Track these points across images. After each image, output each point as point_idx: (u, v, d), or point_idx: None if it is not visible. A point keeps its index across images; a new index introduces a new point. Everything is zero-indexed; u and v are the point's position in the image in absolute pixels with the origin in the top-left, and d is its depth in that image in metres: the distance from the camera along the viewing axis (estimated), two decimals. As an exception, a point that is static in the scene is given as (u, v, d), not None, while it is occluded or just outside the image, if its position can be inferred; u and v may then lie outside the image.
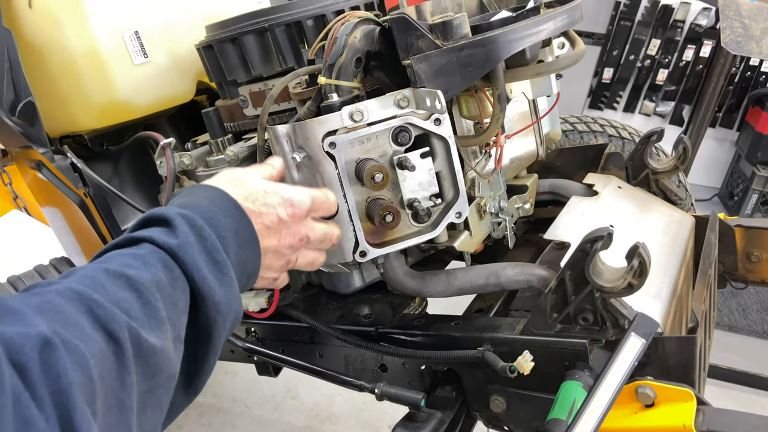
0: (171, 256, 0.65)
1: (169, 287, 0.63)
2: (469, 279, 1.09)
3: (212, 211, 0.72)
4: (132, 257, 0.63)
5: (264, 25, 1.13)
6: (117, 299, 0.56)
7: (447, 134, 1.00)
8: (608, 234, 0.90)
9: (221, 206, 0.74)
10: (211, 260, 0.68)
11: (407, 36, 0.96)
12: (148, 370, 0.57)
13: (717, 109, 4.60)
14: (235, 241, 0.73)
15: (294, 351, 1.27)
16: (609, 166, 1.35)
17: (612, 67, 4.77)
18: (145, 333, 0.57)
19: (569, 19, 1.03)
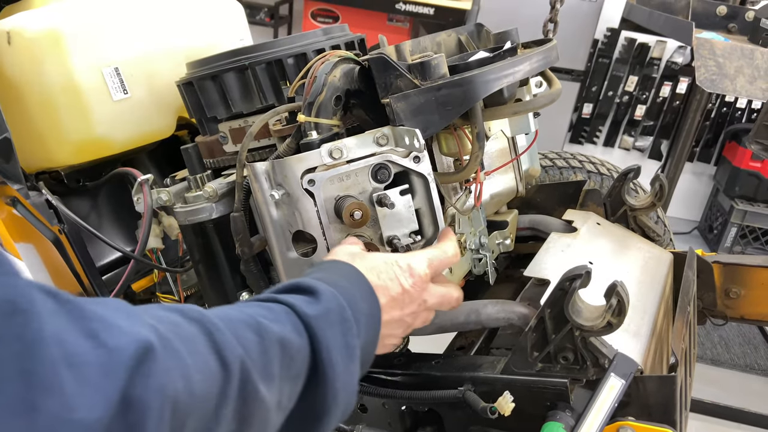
0: (305, 324, 0.64)
1: (293, 350, 0.61)
2: (449, 317, 1.08)
3: (351, 293, 0.72)
4: (267, 310, 0.63)
5: (245, 63, 1.14)
6: (239, 335, 0.56)
7: (426, 171, 1.00)
8: (587, 272, 0.90)
9: (359, 288, 0.75)
10: (344, 344, 0.66)
11: (386, 75, 0.97)
12: (244, 415, 0.55)
13: (694, 144, 4.69)
14: (366, 326, 0.73)
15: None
16: (588, 202, 1.36)
17: (591, 103, 4.87)
18: (256, 376, 0.55)
19: (545, 60, 1.05)
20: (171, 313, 0.54)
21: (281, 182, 0.97)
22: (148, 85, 1.34)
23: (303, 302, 0.66)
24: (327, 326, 0.65)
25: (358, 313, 0.71)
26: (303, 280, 0.71)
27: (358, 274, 0.77)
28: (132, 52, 1.32)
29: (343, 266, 0.78)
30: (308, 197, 0.96)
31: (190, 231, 1.19)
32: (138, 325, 0.47)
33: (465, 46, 1.28)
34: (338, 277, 0.75)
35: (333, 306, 0.67)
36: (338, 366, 0.64)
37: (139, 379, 0.44)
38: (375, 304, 0.76)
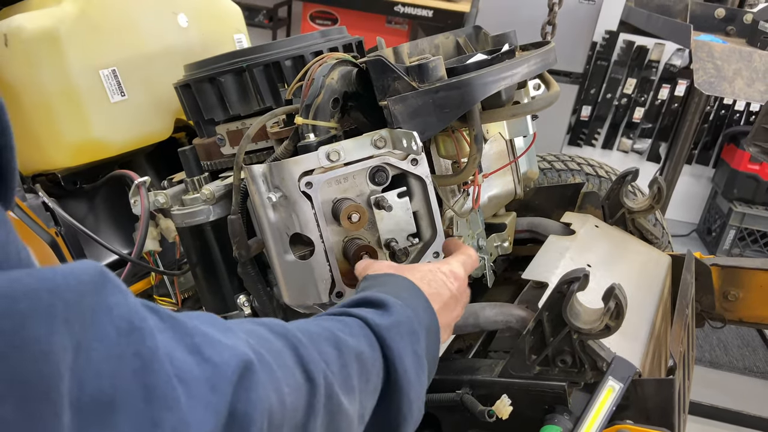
0: (377, 336, 0.64)
1: (369, 363, 0.62)
2: (447, 320, 1.08)
3: (413, 304, 0.73)
4: (342, 324, 0.63)
5: (242, 65, 1.14)
6: (321, 349, 0.57)
7: (424, 174, 1.00)
8: (584, 275, 0.89)
9: (419, 301, 0.75)
10: (414, 354, 0.67)
11: (384, 78, 0.97)
12: (330, 425, 0.56)
13: (693, 147, 4.69)
14: (427, 336, 0.73)
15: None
16: (586, 205, 1.36)
17: (590, 105, 4.87)
18: (338, 389, 0.56)
19: (543, 63, 1.05)
20: (258, 327, 0.55)
21: (278, 185, 0.97)
22: (145, 87, 1.34)
23: (375, 315, 0.66)
24: (399, 338, 0.65)
25: (421, 324, 0.72)
26: (372, 294, 0.71)
27: (415, 287, 0.77)
28: (130, 54, 1.32)
29: (400, 279, 0.79)
30: (305, 200, 0.96)
31: (187, 233, 1.19)
32: (235, 340, 0.48)
33: (463, 49, 1.28)
34: (399, 289, 0.75)
35: (403, 318, 0.68)
36: (411, 376, 0.65)
37: (242, 393, 0.45)
38: (433, 314, 0.76)
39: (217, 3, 1.53)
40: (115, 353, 0.38)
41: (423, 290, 0.78)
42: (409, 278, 0.79)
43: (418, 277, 0.80)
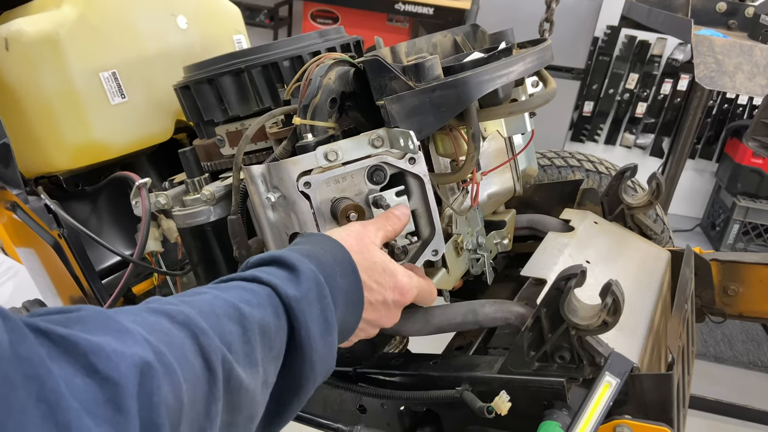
0: (286, 306, 0.67)
1: (273, 333, 0.65)
2: (446, 317, 1.09)
3: (333, 269, 0.75)
4: (251, 294, 0.65)
5: (240, 66, 1.14)
6: (223, 331, 0.59)
7: (422, 173, 1.00)
8: (582, 271, 0.90)
9: (342, 267, 0.77)
10: (323, 319, 0.70)
11: (381, 77, 0.97)
12: (232, 405, 0.59)
13: (696, 141, 4.68)
14: (344, 303, 0.76)
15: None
16: (585, 201, 1.36)
17: (592, 101, 4.87)
18: (239, 368, 0.58)
19: (539, 60, 1.05)
20: (160, 319, 0.55)
21: (277, 185, 0.98)
22: (146, 89, 1.35)
23: (284, 282, 0.68)
24: (306, 306, 0.68)
25: (336, 289, 0.74)
26: (285, 255, 0.72)
27: (346, 256, 0.79)
28: (130, 56, 1.33)
29: (332, 244, 0.80)
30: (304, 199, 0.97)
31: (188, 234, 1.20)
32: (131, 344, 0.49)
33: (461, 47, 1.28)
34: (323, 252, 0.77)
35: (312, 285, 0.70)
36: (316, 342, 0.68)
37: (146, 401, 0.46)
38: (356, 287, 0.78)
39: (216, 4, 1.54)
40: (17, 407, 0.38)
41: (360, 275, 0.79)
42: (353, 257, 0.79)
43: (364, 263, 0.81)
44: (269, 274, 0.69)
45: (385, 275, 0.83)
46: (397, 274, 0.85)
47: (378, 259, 0.84)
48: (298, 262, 0.71)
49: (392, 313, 0.87)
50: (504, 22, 3.96)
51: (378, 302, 0.83)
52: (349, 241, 0.83)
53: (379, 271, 0.83)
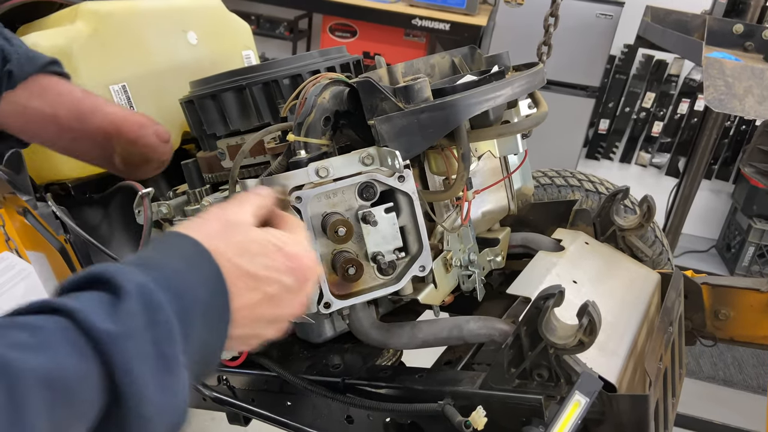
0: (94, 342, 0.48)
1: (73, 381, 0.46)
2: (432, 332, 1.12)
3: (184, 278, 0.57)
4: (30, 333, 0.46)
5: (242, 84, 1.19)
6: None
7: (410, 190, 1.04)
8: (560, 292, 0.92)
9: (199, 272, 0.59)
10: (156, 355, 0.51)
11: (372, 98, 1.01)
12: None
13: (713, 162, 4.65)
14: (203, 320, 0.57)
15: (264, 400, 1.28)
16: (578, 221, 1.38)
17: (608, 119, 4.86)
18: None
19: (528, 84, 1.08)
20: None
21: (270, 199, 1.02)
22: (154, 102, 1.40)
23: (94, 308, 0.49)
24: (128, 341, 0.49)
25: (190, 304, 0.56)
26: (105, 269, 0.53)
27: (204, 256, 0.60)
28: (140, 70, 1.38)
29: (187, 243, 0.61)
30: (295, 213, 1.00)
31: (188, 243, 1.24)
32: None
33: (458, 68, 1.32)
34: (171, 256, 0.59)
35: (138, 308, 0.51)
36: (144, 386, 0.49)
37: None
38: (220, 297, 0.60)
39: (226, 21, 1.59)
40: None
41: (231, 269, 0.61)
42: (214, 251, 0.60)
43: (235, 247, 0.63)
44: (75, 298, 0.50)
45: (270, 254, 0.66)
46: (285, 247, 0.68)
47: (256, 236, 0.66)
48: (119, 278, 0.52)
49: (296, 297, 0.69)
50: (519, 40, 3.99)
51: (276, 291, 0.66)
52: (209, 228, 0.65)
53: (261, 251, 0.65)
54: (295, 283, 0.69)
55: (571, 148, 4.57)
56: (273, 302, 0.67)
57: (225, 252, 0.62)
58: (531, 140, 3.93)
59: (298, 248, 0.70)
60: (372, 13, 4.22)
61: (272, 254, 0.66)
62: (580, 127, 4.49)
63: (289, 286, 0.68)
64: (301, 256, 0.70)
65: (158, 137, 0.99)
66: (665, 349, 1.08)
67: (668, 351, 1.12)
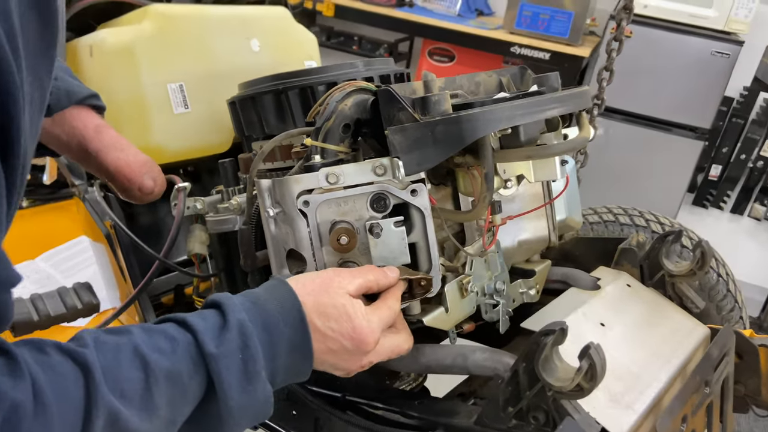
0: (204, 358, 0.70)
1: (186, 379, 0.69)
2: (435, 357, 1.06)
3: (275, 318, 0.77)
4: (169, 342, 0.69)
5: (279, 88, 1.20)
6: (120, 378, 0.63)
7: (422, 205, 1.00)
8: (561, 329, 0.85)
9: (287, 315, 0.79)
10: (243, 369, 0.72)
11: (390, 108, 0.98)
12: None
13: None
14: (287, 350, 0.78)
15: (273, 405, 1.27)
16: (622, 261, 1.27)
17: (720, 165, 4.51)
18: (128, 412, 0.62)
19: (563, 106, 1.01)
20: (60, 357, 0.60)
21: (279, 200, 1.01)
22: (208, 103, 1.45)
23: (209, 331, 0.72)
24: (224, 359, 0.71)
25: (278, 337, 0.76)
26: (225, 302, 0.76)
27: (294, 304, 0.80)
28: (199, 71, 1.44)
29: (284, 291, 0.82)
30: (302, 218, 0.99)
31: (216, 240, 1.27)
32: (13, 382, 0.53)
33: (504, 88, 1.27)
34: (271, 299, 0.80)
35: (235, 336, 0.72)
36: (232, 391, 0.71)
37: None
38: (302, 335, 0.79)
39: (291, 31, 1.63)
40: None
41: (310, 320, 0.80)
42: (303, 304, 0.80)
43: (318, 308, 0.81)
44: (201, 319, 0.73)
45: (341, 321, 0.82)
46: (355, 320, 0.83)
47: (339, 303, 0.83)
48: (230, 311, 0.74)
49: (355, 359, 0.85)
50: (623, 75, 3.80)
51: (336, 349, 0.82)
52: (311, 286, 0.84)
53: (335, 313, 0.82)
54: (353, 348, 0.84)
55: (674, 192, 4.28)
56: (336, 356, 0.84)
57: (310, 307, 0.81)
58: (628, 179, 3.80)
59: (365, 323, 0.84)
60: (472, 39, 4.19)
61: (342, 321, 0.82)
62: (685, 171, 4.20)
63: (347, 349, 0.83)
64: (363, 329, 0.84)
65: (141, 191, 1.09)
66: (693, 411, 0.96)
67: (699, 414, 0.99)
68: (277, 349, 0.76)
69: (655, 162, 4.26)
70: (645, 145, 4.26)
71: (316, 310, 0.81)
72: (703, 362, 1.01)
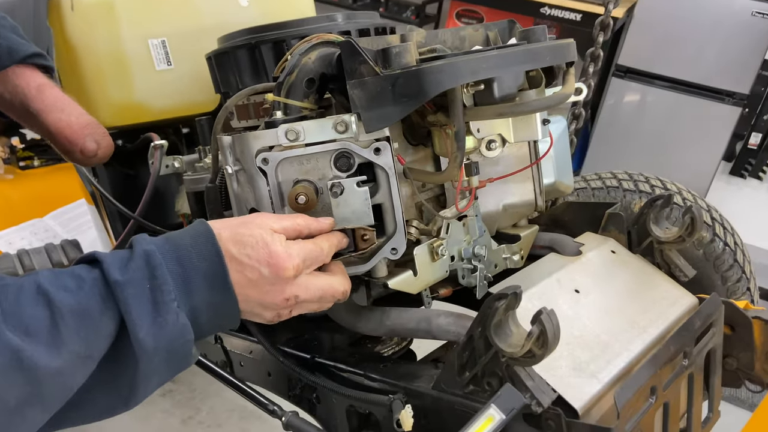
0: (110, 288, 0.70)
1: (97, 313, 0.69)
2: (400, 321, 1.03)
3: (187, 251, 0.76)
4: (75, 280, 0.69)
5: (251, 42, 1.16)
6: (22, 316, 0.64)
7: (386, 165, 0.96)
8: (514, 293, 0.81)
9: (201, 248, 0.77)
10: (151, 298, 0.71)
11: (352, 61, 0.94)
12: (31, 380, 0.63)
13: None
14: (206, 285, 0.76)
15: (249, 366, 1.27)
16: (610, 227, 1.21)
17: (761, 133, 4.30)
18: (35, 348, 0.63)
19: (537, 61, 0.95)
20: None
21: (239, 157, 0.99)
22: (193, 60, 1.42)
23: (115, 265, 0.71)
24: (130, 287, 0.70)
25: (191, 271, 0.75)
26: (135, 238, 0.76)
27: (208, 237, 0.78)
28: (183, 27, 1.41)
29: (200, 228, 0.79)
30: (261, 176, 0.96)
31: (192, 198, 1.25)
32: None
33: (491, 43, 1.20)
34: (185, 234, 0.78)
35: (141, 265, 0.71)
36: (139, 320, 0.70)
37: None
38: (218, 267, 0.77)
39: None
40: None
41: (226, 250, 0.78)
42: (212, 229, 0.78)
43: (235, 236, 0.79)
44: (108, 255, 0.73)
45: (257, 247, 0.79)
46: (271, 245, 0.80)
47: (257, 233, 0.80)
48: (137, 244, 0.74)
49: (276, 289, 0.81)
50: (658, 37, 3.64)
51: (255, 278, 0.79)
52: (232, 222, 0.83)
53: (251, 241, 0.79)
54: (271, 275, 0.79)
55: (708, 160, 4.11)
56: (257, 288, 0.80)
57: (225, 238, 0.79)
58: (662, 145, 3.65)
59: (281, 248, 0.81)
60: (501, 0, 4.05)
61: (259, 247, 0.79)
62: (721, 138, 4.02)
63: (265, 276, 0.79)
64: (280, 254, 0.80)
65: (83, 153, 1.05)
66: (666, 383, 0.91)
67: (675, 385, 0.95)
68: (192, 283, 0.74)
69: (690, 128, 4.09)
70: (679, 110, 4.09)
71: (232, 239, 0.79)
72: (681, 332, 0.96)
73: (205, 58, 1.28)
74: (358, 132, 0.94)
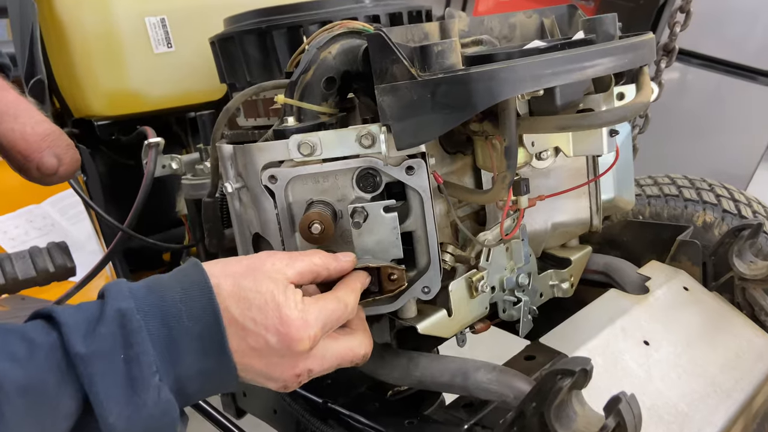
0: (69, 361, 0.56)
1: (53, 390, 0.55)
2: (431, 372, 0.86)
3: (176, 308, 0.61)
4: (26, 346, 0.55)
5: (262, 26, 0.98)
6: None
7: (420, 187, 0.78)
8: (582, 369, 0.63)
9: (193, 304, 0.62)
10: (126, 373, 0.57)
11: (383, 59, 0.75)
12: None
13: None
14: (197, 350, 0.61)
15: (253, 401, 1.12)
16: (680, 257, 1.02)
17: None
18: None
19: (612, 63, 0.75)
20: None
21: (241, 172, 0.82)
22: (197, 42, 1.24)
23: (77, 328, 0.56)
24: (97, 361, 0.56)
25: (180, 333, 0.60)
26: (104, 288, 0.61)
27: (204, 291, 0.62)
28: (186, 3, 1.23)
29: (195, 275, 0.63)
30: (267, 196, 0.79)
31: (192, 206, 1.09)
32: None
33: (547, 33, 1.01)
34: (175, 284, 0.62)
35: (113, 330, 0.57)
36: (108, 402, 0.56)
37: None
38: (214, 329, 0.61)
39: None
40: None
41: (225, 310, 0.62)
42: (217, 289, 0.62)
43: (239, 293, 0.63)
44: (75, 311, 0.58)
45: (266, 309, 0.63)
46: (283, 308, 0.63)
47: (266, 288, 0.64)
48: (111, 299, 0.58)
49: (287, 363, 0.65)
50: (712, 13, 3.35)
51: (260, 348, 0.63)
52: (235, 267, 0.65)
53: (259, 303, 0.63)
54: (281, 347, 0.64)
55: (752, 149, 3.84)
56: (262, 359, 0.64)
57: (226, 292, 0.63)
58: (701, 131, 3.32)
59: (296, 314, 0.64)
60: (535, -29, 3.78)
61: (268, 309, 0.63)
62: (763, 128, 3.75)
63: (274, 348, 0.64)
64: (293, 322, 0.64)
65: (40, 170, 0.83)
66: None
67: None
68: (180, 348, 0.60)
69: (733, 113, 3.83)
70: (722, 93, 3.83)
71: (234, 294, 0.63)
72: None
73: (209, 42, 1.09)
74: (387, 147, 0.76)
